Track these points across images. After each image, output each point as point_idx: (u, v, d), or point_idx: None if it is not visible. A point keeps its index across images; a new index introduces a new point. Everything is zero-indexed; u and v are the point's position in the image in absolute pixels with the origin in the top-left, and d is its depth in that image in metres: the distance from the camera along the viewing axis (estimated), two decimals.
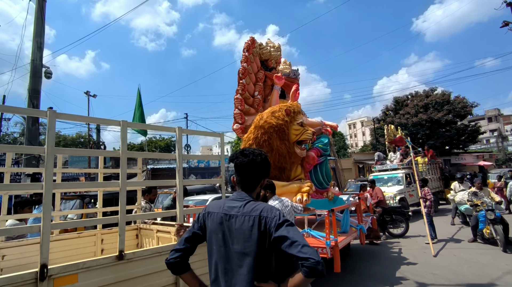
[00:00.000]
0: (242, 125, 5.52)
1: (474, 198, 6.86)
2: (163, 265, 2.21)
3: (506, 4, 14.07)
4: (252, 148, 1.65)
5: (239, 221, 1.43)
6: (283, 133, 4.63)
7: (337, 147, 37.69)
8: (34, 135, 10.00)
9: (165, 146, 42.63)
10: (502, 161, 39.08)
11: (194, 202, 8.81)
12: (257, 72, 6.24)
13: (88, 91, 21.65)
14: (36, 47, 10.16)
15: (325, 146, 5.37)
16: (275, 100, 5.88)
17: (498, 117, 55.44)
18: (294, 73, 6.45)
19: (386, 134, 13.51)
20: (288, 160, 4.85)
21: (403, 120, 28.14)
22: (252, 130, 4.81)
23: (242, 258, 1.39)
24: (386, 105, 32.93)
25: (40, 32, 10.20)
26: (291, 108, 4.74)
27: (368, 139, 49.78)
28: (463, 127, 28.12)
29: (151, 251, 2.43)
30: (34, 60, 10.03)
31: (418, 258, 6.16)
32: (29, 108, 9.47)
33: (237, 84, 5.72)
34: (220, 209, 1.52)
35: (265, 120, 4.62)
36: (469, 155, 30.59)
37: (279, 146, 4.67)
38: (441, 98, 28.08)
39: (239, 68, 5.80)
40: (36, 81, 9.99)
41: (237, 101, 5.58)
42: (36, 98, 10.05)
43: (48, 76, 10.79)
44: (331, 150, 30.38)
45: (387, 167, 12.37)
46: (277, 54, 6.59)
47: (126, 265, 2.24)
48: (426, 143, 24.51)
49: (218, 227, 1.49)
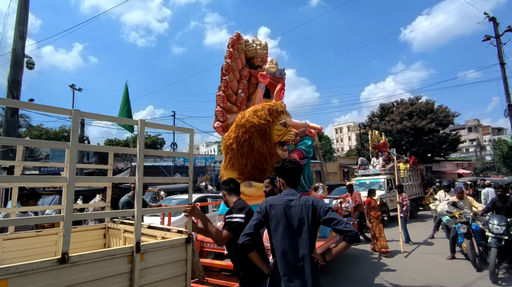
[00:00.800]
0: (223, 124, 5.31)
1: (454, 208, 6.22)
2: (116, 269, 2.12)
3: (489, 19, 14.63)
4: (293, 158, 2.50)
5: (297, 209, 2.09)
6: (264, 133, 4.48)
7: (323, 151, 38.14)
8: (12, 127, 9.62)
9: (151, 143, 41.97)
10: (480, 169, 40.57)
11: (178, 201, 8.69)
12: (241, 69, 5.99)
13: (73, 85, 20.96)
14: (18, 36, 9.75)
15: (308, 148, 5.22)
16: (258, 99, 5.73)
17: (477, 128, 57.64)
18: (280, 73, 6.31)
19: (370, 139, 13.75)
20: (269, 161, 4.67)
21: (388, 127, 28.79)
22: (233, 129, 4.64)
23: (302, 235, 2.05)
24: (372, 111, 33.69)
25: (23, 21, 9.81)
26: (274, 108, 4.61)
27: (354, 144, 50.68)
28: (445, 136, 29.05)
29: (102, 253, 2.16)
30: (15, 50, 9.63)
31: (397, 262, 6.29)
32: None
33: (220, 80, 5.51)
34: (281, 201, 2.15)
35: (247, 119, 4.47)
36: (449, 163, 31.62)
37: (260, 146, 4.52)
38: (425, 106, 28.91)
39: (222, 64, 5.58)
40: (17, 72, 9.60)
41: (219, 98, 5.36)
42: (17, 89, 9.66)
43: (30, 67, 10.41)
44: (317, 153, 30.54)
45: (370, 172, 12.53)
46: (263, 52, 6.43)
47: (70, 270, 1.97)
48: (409, 150, 25.15)
49: (283, 214, 2.10)
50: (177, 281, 2.56)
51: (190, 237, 2.69)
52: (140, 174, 2.41)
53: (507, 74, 14.16)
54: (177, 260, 2.59)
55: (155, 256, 2.43)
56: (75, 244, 3.37)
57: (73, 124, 2.09)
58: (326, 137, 47.31)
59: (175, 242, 2.61)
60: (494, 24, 14.48)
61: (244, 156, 4.59)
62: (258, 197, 4.39)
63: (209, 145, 68.53)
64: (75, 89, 20.78)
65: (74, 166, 2.14)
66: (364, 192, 10.88)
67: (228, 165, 4.83)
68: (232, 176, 4.74)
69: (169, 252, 2.53)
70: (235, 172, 4.82)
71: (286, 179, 2.31)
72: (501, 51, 14.19)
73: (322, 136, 42.65)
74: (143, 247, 2.34)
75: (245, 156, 4.59)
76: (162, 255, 2.48)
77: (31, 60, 10.41)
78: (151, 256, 2.40)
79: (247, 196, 4.46)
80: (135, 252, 2.27)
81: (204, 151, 66.47)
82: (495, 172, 38.51)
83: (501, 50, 14.19)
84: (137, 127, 2.44)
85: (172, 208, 4.40)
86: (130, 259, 2.27)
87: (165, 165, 26.32)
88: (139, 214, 2.38)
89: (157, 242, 2.58)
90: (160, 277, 2.42)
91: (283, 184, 2.33)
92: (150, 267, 2.39)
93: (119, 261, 2.21)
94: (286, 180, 2.31)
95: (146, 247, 2.38)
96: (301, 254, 2.02)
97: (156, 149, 41.53)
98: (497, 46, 14.24)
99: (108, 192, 3.95)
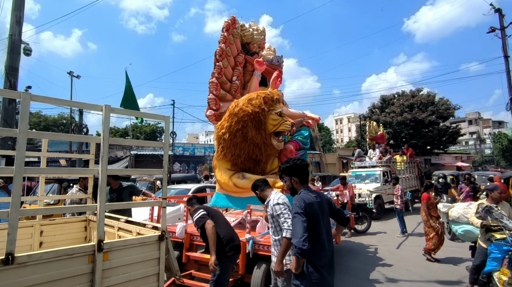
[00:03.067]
0: (216, 112, 5.05)
1: (489, 216, 3.92)
2: (74, 270, 1.97)
3: (495, 10, 14.37)
4: (298, 156, 2.86)
5: (324, 203, 2.39)
6: (259, 122, 4.27)
7: (323, 142, 38.15)
8: (10, 115, 9.60)
9: (150, 132, 41.92)
10: (479, 162, 40.67)
11: (176, 191, 8.72)
12: (236, 55, 5.69)
13: (71, 72, 20.75)
14: (14, 21, 9.60)
15: (305, 139, 5.04)
16: (254, 87, 5.45)
17: (478, 121, 57.44)
18: (277, 60, 6.02)
19: (367, 131, 13.70)
20: (263, 152, 4.51)
21: (388, 118, 28.67)
22: (226, 118, 4.43)
23: (329, 227, 2.40)
24: (373, 103, 33.48)
25: (20, 6, 9.63)
26: (269, 96, 4.36)
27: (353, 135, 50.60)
28: (445, 129, 28.95)
29: (57, 253, 1.92)
30: (12, 35, 9.50)
31: (394, 255, 6.29)
32: None
33: (213, 66, 5.17)
34: (312, 199, 2.32)
35: (241, 108, 4.24)
36: (448, 156, 31.66)
37: (254, 136, 4.31)
38: (426, 99, 28.73)
39: (216, 49, 5.25)
40: (14, 58, 9.50)
41: (212, 86, 5.06)
42: (14, 76, 9.59)
43: (28, 53, 10.28)
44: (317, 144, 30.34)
45: (366, 164, 12.48)
46: (260, 38, 6.14)
47: (17, 272, 1.76)
48: (409, 142, 25.15)
49: (319, 210, 2.32)
50: (147, 282, 2.38)
51: (163, 234, 2.50)
52: (104, 165, 2.15)
53: (511, 67, 14.00)
54: (148, 259, 2.40)
55: (122, 255, 2.23)
56: (53, 237, 3.26)
57: (22, 109, 1.87)
58: (326, 128, 47.21)
59: (146, 240, 2.42)
60: (499, 16, 14.20)
61: (237, 146, 4.43)
62: None
63: (208, 134, 68.47)
64: (73, 76, 20.66)
65: (23, 155, 1.88)
66: (360, 184, 10.99)
67: (220, 155, 4.66)
68: (224, 167, 4.67)
69: (139, 250, 2.34)
70: (228, 163, 4.67)
71: (300, 176, 2.39)
72: (505, 44, 13.96)
73: (322, 127, 42.57)
74: (107, 245, 2.14)
75: (238, 146, 4.43)
76: (130, 254, 2.29)
77: (28, 46, 10.26)
78: (117, 254, 2.20)
79: (240, 188, 4.39)
80: (96, 251, 2.07)
81: (204, 140, 66.41)
82: (493, 165, 38.64)
83: (505, 43, 13.96)
84: (102, 113, 2.19)
85: (146, 203, 4.12)
86: (92, 259, 2.07)
87: None
88: (101, 209, 2.15)
89: (124, 239, 2.40)
90: (127, 278, 2.25)
91: (296, 182, 2.38)
92: (116, 267, 2.19)
93: (78, 261, 2.01)
94: (300, 178, 2.39)
95: (111, 245, 2.18)
96: (330, 246, 2.35)
97: (155, 137, 41.48)
98: (502, 39, 14.01)
99: (90, 182, 3.74)
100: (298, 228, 2.14)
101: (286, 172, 2.41)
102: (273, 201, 2.72)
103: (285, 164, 2.45)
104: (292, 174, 2.38)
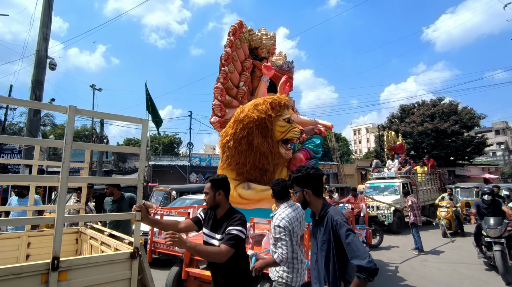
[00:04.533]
0: (221, 119, 4.82)
1: None
2: None
3: None
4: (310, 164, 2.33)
5: None
6: (265, 129, 4.03)
7: (341, 152, 37.44)
8: (35, 126, 10.08)
9: (168, 143, 42.76)
10: (508, 174, 38.39)
11: (192, 201, 8.73)
12: (244, 60, 5.50)
13: (93, 85, 21.78)
14: (42, 37, 10.23)
15: (317, 147, 4.75)
16: (262, 92, 5.22)
17: (505, 130, 54.51)
18: (288, 65, 5.79)
19: (385, 141, 13.29)
20: (270, 161, 4.25)
21: (408, 128, 27.86)
22: (231, 125, 4.21)
23: None
24: (392, 112, 32.69)
25: (47, 23, 10.24)
26: (276, 101, 4.12)
27: (372, 146, 49.43)
28: (470, 139, 27.73)
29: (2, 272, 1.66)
30: (39, 51, 10.08)
31: (417, 271, 5.90)
32: None
33: (219, 71, 5.00)
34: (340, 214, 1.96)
35: (246, 114, 4.01)
36: (474, 167, 30.17)
37: (260, 144, 4.07)
38: (448, 108, 27.74)
39: (221, 54, 5.09)
40: (40, 72, 10.05)
41: (217, 91, 4.85)
42: (39, 89, 10.11)
43: (52, 68, 10.84)
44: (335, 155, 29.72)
45: (384, 175, 12.00)
46: (269, 43, 5.93)
47: None
48: (430, 153, 24.20)
49: None
50: None
51: (136, 251, 2.18)
52: (65, 173, 1.91)
53: None
54: (118, 279, 2.09)
55: (84, 275, 1.95)
56: (41, 249, 3.07)
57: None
58: (344, 138, 46.46)
59: (115, 257, 2.12)
60: None
61: (242, 155, 4.19)
62: (257, 200, 4.12)
63: None
64: (95, 89, 21.60)
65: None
66: (378, 196, 10.57)
67: (225, 164, 4.44)
68: (229, 177, 4.12)
69: (106, 269, 2.04)
70: (233, 172, 4.42)
71: (314, 188, 1.99)
72: None
73: (339, 137, 41.92)
74: (65, 263, 1.87)
75: (243, 155, 4.19)
76: (95, 274, 2.00)
77: (53, 61, 10.83)
78: (78, 274, 1.92)
79: (245, 199, 4.19)
80: (50, 270, 1.80)
81: None
82: None
83: None
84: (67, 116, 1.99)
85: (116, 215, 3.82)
86: (45, 279, 1.80)
87: (181, 164, 26.68)
88: (59, 222, 1.88)
89: (88, 256, 2.12)
90: None
91: (309, 194, 1.98)
92: None
93: (27, 282, 1.74)
94: (314, 189, 1.99)
95: (71, 263, 1.90)
96: None
97: (173, 148, 42.22)
98: None
99: (83, 192, 3.56)
100: (360, 246, 1.73)
101: (298, 182, 2.02)
102: (276, 220, 2.50)
103: (296, 172, 2.07)
104: (304, 185, 2.00)
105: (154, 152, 36.14)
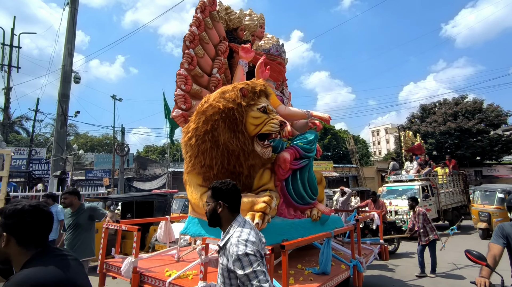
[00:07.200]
0: (186, 112, 3.93)
1: None
2: None
3: None
4: None
5: None
6: (234, 122, 3.21)
7: (360, 154, 36.72)
8: (62, 137, 10.72)
9: None
10: None
11: None
12: (218, 43, 4.59)
13: (114, 95, 22.77)
14: (67, 53, 10.91)
15: (310, 144, 3.81)
16: (238, 79, 4.24)
17: None
18: (276, 49, 4.76)
19: (403, 141, 12.91)
20: (243, 162, 3.37)
21: (430, 128, 27.02)
22: (193, 119, 3.43)
23: None
24: (412, 112, 31.84)
25: (71, 39, 10.92)
26: (249, 87, 3.30)
27: (392, 147, 48.14)
28: (497, 137, 26.50)
29: None
30: (64, 66, 10.75)
31: (440, 283, 5.27)
32: None
33: (182, 55, 4.13)
34: None
35: (210, 104, 3.24)
36: (503, 167, 28.70)
37: (228, 141, 3.23)
38: (472, 106, 26.69)
39: (185, 34, 4.19)
40: (66, 86, 10.70)
41: (180, 79, 4.00)
42: (65, 102, 10.77)
43: (77, 81, 11.50)
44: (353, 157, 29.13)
45: (403, 178, 11.49)
46: (253, 24, 4.98)
47: None
48: (454, 153, 23.34)
49: None
50: None
51: None
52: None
53: None
54: None
55: None
56: None
57: None
58: (362, 140, 45.53)
59: None
60: None
61: (206, 155, 3.34)
62: None
63: None
64: (116, 99, 22.56)
65: None
66: (396, 200, 10.23)
67: (189, 167, 3.61)
68: (195, 182, 3.60)
69: None
70: (199, 177, 3.58)
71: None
72: None
73: (358, 139, 41.13)
74: None
75: (207, 155, 3.33)
76: None
77: (77, 75, 11.49)
78: None
79: None
80: None
81: None
82: None
83: None
84: None
85: None
86: None
87: None
88: None
89: None
90: None
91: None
92: None
93: None
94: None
95: None
96: None
97: None
98: None
99: None
100: None
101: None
102: (234, 248, 1.53)
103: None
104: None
105: (172, 158, 36.95)
